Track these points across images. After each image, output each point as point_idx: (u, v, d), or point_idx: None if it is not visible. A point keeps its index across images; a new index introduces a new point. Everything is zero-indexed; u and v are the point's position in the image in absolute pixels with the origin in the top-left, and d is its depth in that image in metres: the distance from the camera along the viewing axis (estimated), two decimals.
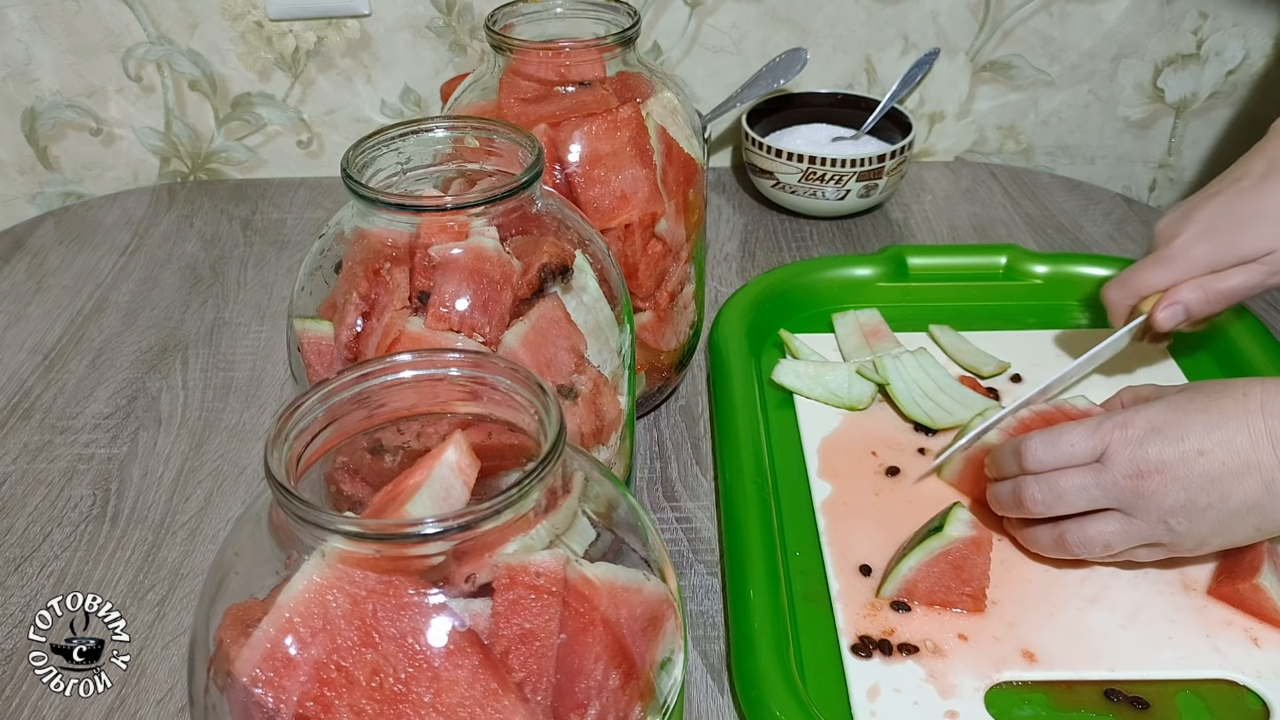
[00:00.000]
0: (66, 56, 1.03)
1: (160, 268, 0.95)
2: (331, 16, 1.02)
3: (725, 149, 1.11)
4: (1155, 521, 0.55)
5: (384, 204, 0.47)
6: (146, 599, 0.62)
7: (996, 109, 1.09)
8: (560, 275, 0.49)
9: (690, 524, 0.67)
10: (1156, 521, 0.55)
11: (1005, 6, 1.03)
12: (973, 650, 0.56)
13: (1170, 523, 0.55)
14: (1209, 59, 1.06)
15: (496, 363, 0.37)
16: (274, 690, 0.31)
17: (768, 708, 0.52)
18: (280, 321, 0.87)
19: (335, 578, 0.32)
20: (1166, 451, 0.54)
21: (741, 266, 0.94)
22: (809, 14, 1.04)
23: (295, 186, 1.09)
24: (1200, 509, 0.54)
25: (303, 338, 0.50)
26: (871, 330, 0.79)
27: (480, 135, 0.52)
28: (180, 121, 1.08)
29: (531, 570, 0.33)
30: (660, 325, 0.70)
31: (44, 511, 0.68)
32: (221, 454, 0.73)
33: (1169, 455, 0.54)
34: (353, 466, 0.39)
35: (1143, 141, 1.12)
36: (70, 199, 1.11)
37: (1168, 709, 0.53)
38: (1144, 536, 0.56)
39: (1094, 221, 1.00)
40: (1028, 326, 0.82)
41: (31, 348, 0.84)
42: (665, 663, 0.37)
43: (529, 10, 0.67)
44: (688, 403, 0.77)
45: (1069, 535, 0.58)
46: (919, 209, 1.03)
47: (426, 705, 0.31)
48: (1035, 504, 0.58)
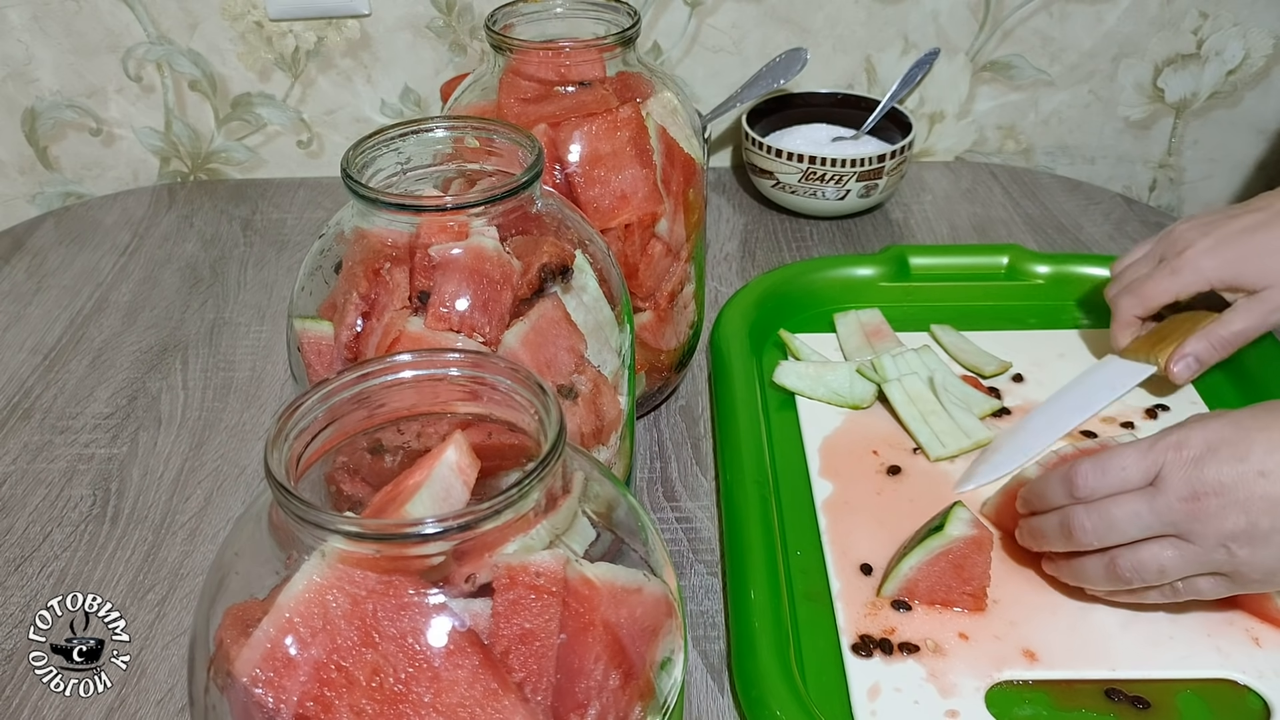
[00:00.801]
0: (66, 56, 1.03)
1: (160, 268, 0.95)
2: (331, 16, 1.02)
3: (725, 149, 1.11)
4: (1214, 546, 0.52)
5: (384, 204, 0.47)
6: (146, 599, 0.62)
7: (996, 109, 1.09)
8: (560, 275, 0.49)
9: (690, 524, 0.67)
10: (1215, 546, 0.52)
11: (1005, 6, 1.03)
12: (973, 649, 0.56)
13: (1231, 547, 0.51)
14: (1209, 59, 1.06)
15: (496, 363, 0.37)
16: (274, 690, 0.31)
17: (768, 707, 0.52)
18: (280, 321, 0.87)
19: (335, 578, 0.32)
20: (1225, 472, 0.51)
21: (741, 266, 0.94)
22: (809, 14, 1.04)
23: (295, 186, 1.09)
24: (1263, 534, 0.51)
25: (303, 338, 0.50)
26: (873, 330, 0.79)
27: (480, 135, 0.52)
28: (180, 121, 1.08)
29: (531, 570, 0.33)
30: (660, 325, 0.70)
31: (44, 511, 0.68)
32: (221, 454, 0.73)
33: (1227, 476, 0.51)
34: (353, 466, 0.39)
35: (1143, 141, 1.12)
36: (70, 199, 1.11)
37: (1168, 709, 0.53)
38: (1203, 564, 0.52)
39: (1094, 221, 1.00)
40: (1029, 326, 0.82)
41: (31, 348, 0.84)
42: (665, 663, 0.37)
43: (529, 10, 0.67)
44: (688, 403, 0.77)
45: (1120, 561, 0.54)
46: (919, 209, 1.03)
47: (426, 705, 0.31)
48: (1085, 533, 0.54)
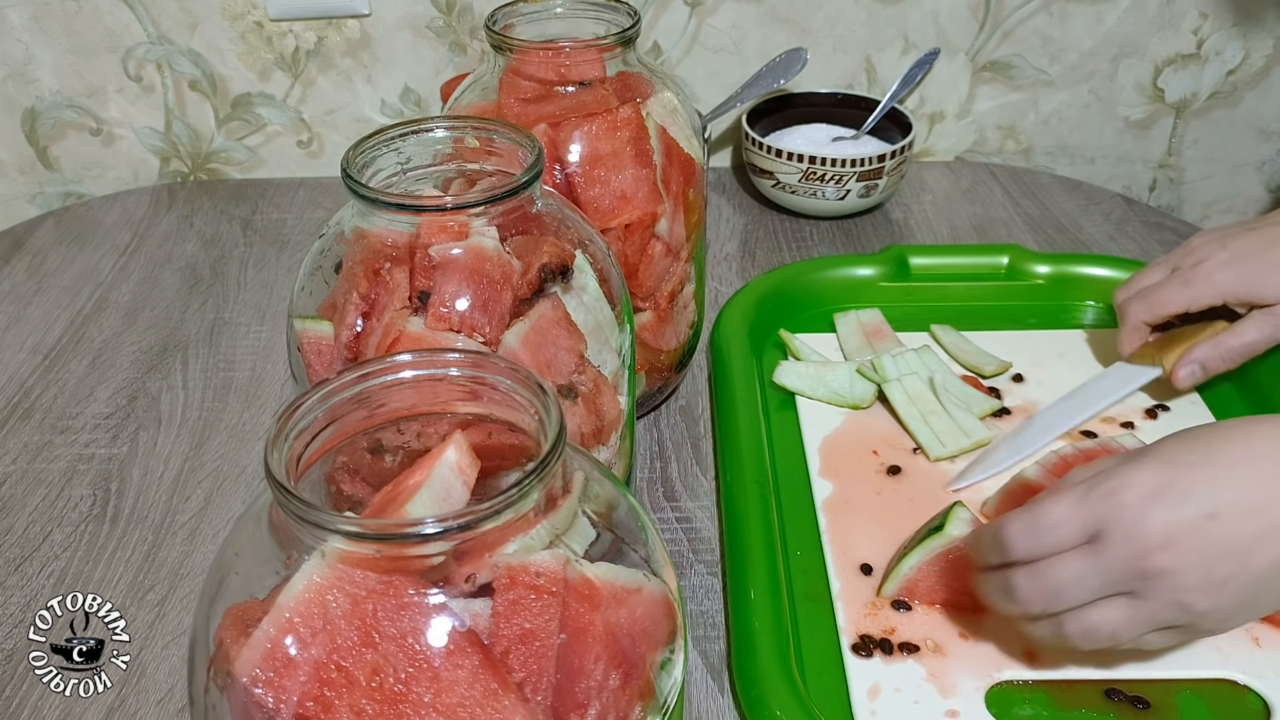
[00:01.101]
0: (66, 56, 1.03)
1: (160, 268, 0.95)
2: (331, 16, 1.02)
3: (725, 149, 1.11)
4: (1169, 603, 0.47)
5: (384, 204, 0.47)
6: (146, 599, 0.62)
7: (996, 109, 1.09)
8: (560, 275, 0.49)
9: (690, 524, 0.67)
10: (1171, 603, 0.47)
11: (1005, 6, 1.03)
12: (973, 649, 0.56)
13: (1186, 601, 0.47)
14: (1209, 59, 1.06)
15: (496, 363, 0.37)
16: (274, 690, 0.31)
17: (768, 707, 0.52)
18: (280, 321, 0.87)
19: (335, 578, 0.32)
20: (1170, 520, 0.46)
21: (741, 266, 0.94)
22: (809, 14, 1.04)
23: (295, 186, 1.09)
24: (1219, 582, 0.47)
25: (303, 338, 0.50)
26: (873, 330, 0.79)
27: (480, 135, 0.52)
28: (180, 121, 1.08)
29: (531, 570, 0.33)
30: (660, 325, 0.70)
31: (44, 511, 0.68)
32: (221, 454, 0.73)
33: (1174, 525, 0.46)
34: (353, 466, 0.39)
35: (1143, 141, 1.12)
36: (70, 199, 1.11)
37: (1168, 709, 0.53)
38: (1157, 620, 0.48)
39: (1094, 221, 1.00)
40: (1030, 326, 0.82)
41: (31, 348, 0.84)
42: (665, 663, 0.37)
43: (529, 10, 0.67)
44: (688, 403, 0.77)
45: (1068, 627, 0.49)
46: (919, 209, 1.03)
47: (426, 705, 0.31)
48: (1028, 600, 0.49)
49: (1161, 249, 0.94)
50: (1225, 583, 0.47)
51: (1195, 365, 0.68)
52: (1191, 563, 0.46)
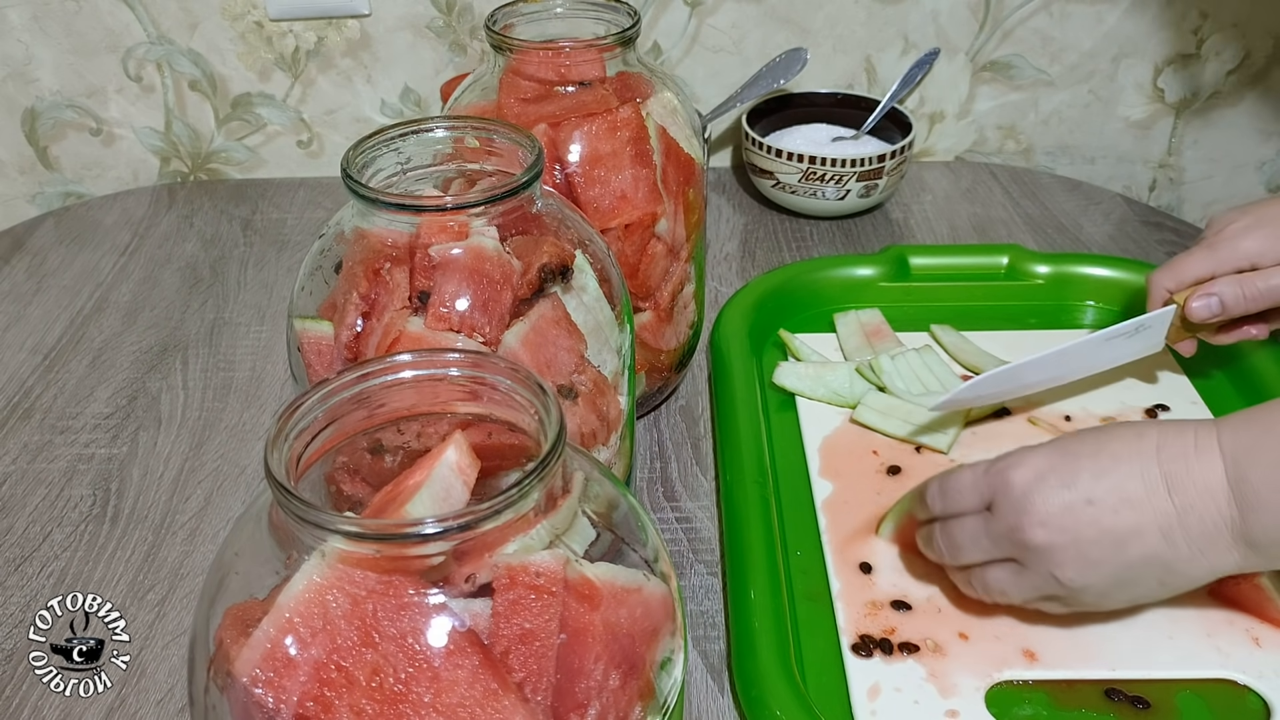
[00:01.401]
0: (66, 56, 1.03)
1: (160, 268, 0.95)
2: (331, 16, 1.02)
3: (725, 149, 1.11)
4: (1045, 575, 0.52)
5: (384, 204, 0.47)
6: (146, 599, 0.62)
7: (996, 109, 1.09)
8: (560, 275, 0.49)
9: (690, 524, 0.67)
10: (1047, 576, 0.52)
11: (1005, 6, 1.03)
12: (973, 649, 0.56)
13: (1058, 575, 0.51)
14: (1209, 59, 1.06)
15: (496, 363, 0.37)
16: (274, 690, 0.31)
17: (768, 707, 0.52)
18: (280, 321, 0.87)
19: (335, 578, 0.32)
20: (1051, 500, 0.50)
21: (741, 266, 0.94)
22: (809, 14, 1.04)
23: (295, 186, 1.09)
24: (1092, 562, 0.50)
25: (303, 338, 0.50)
26: (873, 330, 0.79)
27: (480, 135, 0.52)
28: (180, 121, 1.08)
29: (531, 570, 0.33)
30: (660, 325, 0.70)
31: (44, 511, 0.68)
32: (221, 454, 0.73)
33: (1054, 505, 0.50)
34: (353, 466, 0.39)
35: (1143, 141, 1.12)
36: (70, 199, 1.11)
37: (1168, 708, 0.53)
38: (1038, 589, 0.53)
39: (1094, 221, 1.00)
40: (1030, 326, 0.82)
41: (31, 348, 0.84)
42: (665, 663, 0.37)
43: (529, 10, 0.67)
44: (688, 403, 0.77)
45: (974, 581, 0.56)
46: (919, 209, 1.03)
47: (426, 705, 0.31)
48: (940, 551, 0.56)
49: (1161, 249, 0.94)
50: (1099, 565, 0.51)
51: (1214, 299, 0.66)
52: (1066, 541, 0.50)
